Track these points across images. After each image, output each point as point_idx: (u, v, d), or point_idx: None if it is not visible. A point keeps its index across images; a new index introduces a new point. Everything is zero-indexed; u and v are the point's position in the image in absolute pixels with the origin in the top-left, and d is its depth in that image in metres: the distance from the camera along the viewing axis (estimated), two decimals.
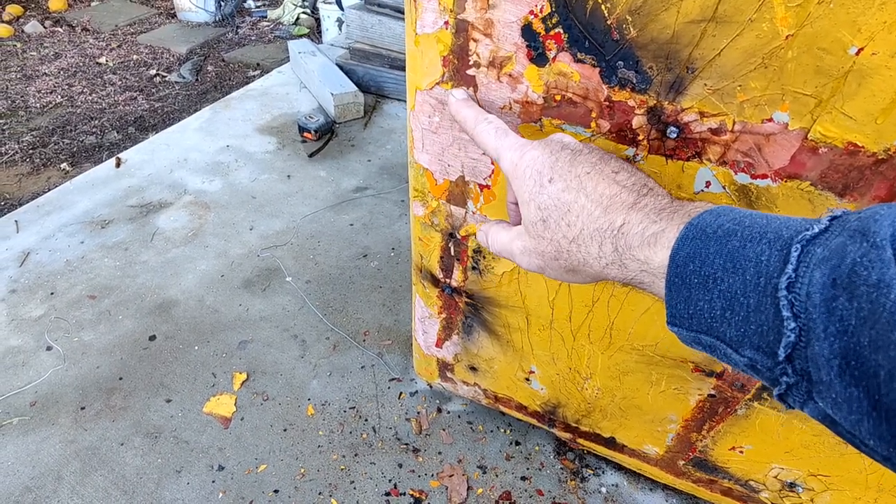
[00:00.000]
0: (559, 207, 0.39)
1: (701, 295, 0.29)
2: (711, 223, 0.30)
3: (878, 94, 0.45)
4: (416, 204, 0.77)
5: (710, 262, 0.29)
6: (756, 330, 0.27)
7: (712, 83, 0.50)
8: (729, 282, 0.28)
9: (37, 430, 1.06)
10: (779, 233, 0.27)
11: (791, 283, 0.25)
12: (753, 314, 0.27)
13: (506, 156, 0.45)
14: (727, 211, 0.31)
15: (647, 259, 0.33)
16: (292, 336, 1.26)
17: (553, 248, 0.40)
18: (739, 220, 0.30)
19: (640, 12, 0.48)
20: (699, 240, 0.30)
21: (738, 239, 0.28)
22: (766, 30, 0.45)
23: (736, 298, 0.27)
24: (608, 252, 0.35)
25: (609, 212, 0.36)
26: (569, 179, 0.39)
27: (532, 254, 0.42)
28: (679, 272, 0.30)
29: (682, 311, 0.30)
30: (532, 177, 0.41)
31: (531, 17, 0.53)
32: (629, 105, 0.54)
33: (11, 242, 1.48)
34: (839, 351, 0.23)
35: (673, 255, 0.31)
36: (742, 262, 0.28)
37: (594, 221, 0.37)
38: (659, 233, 0.33)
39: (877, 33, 0.42)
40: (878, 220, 0.24)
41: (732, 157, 0.54)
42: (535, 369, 0.89)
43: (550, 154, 0.42)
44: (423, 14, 0.58)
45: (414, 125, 0.69)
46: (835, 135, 0.48)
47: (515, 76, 0.58)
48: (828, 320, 0.23)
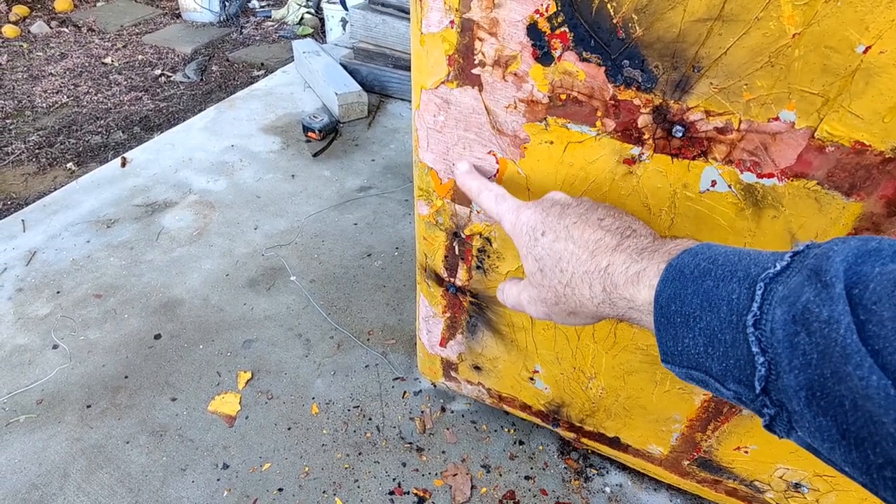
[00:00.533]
0: (552, 256, 0.42)
1: (685, 333, 0.31)
2: (689, 263, 0.32)
3: (886, 93, 0.44)
4: (421, 203, 0.77)
5: (689, 302, 0.31)
6: (735, 364, 0.28)
7: (718, 82, 0.49)
8: (707, 320, 0.29)
9: (43, 428, 1.06)
10: (747, 271, 0.29)
11: (757, 320, 0.27)
12: (731, 349, 0.28)
13: (505, 218, 0.49)
14: (704, 249, 0.33)
15: (632, 297, 0.35)
16: (297, 335, 1.26)
17: (552, 295, 0.43)
18: (714, 258, 0.31)
19: (645, 11, 0.48)
20: (678, 281, 0.32)
21: (712, 278, 0.30)
22: (773, 28, 0.45)
23: (715, 335, 0.29)
24: (598, 292, 0.38)
25: (595, 255, 0.39)
26: (558, 230, 0.43)
27: (537, 302, 0.45)
28: (663, 312, 0.32)
29: (671, 349, 0.32)
30: (527, 233, 0.45)
31: (537, 16, 0.53)
32: (635, 104, 0.54)
33: (18, 241, 1.49)
34: (805, 383, 0.24)
35: (656, 296, 0.33)
36: (716, 301, 0.29)
37: (582, 265, 0.40)
38: (641, 272, 0.35)
39: (885, 31, 0.42)
40: (830, 256, 0.26)
41: (738, 156, 0.53)
42: (539, 369, 0.89)
43: (542, 211, 0.46)
44: (429, 13, 0.58)
45: (419, 124, 0.69)
46: (842, 133, 0.48)
47: (521, 75, 0.58)
48: (791, 354, 0.25)
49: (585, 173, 0.61)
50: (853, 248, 0.26)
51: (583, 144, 0.60)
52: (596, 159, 0.60)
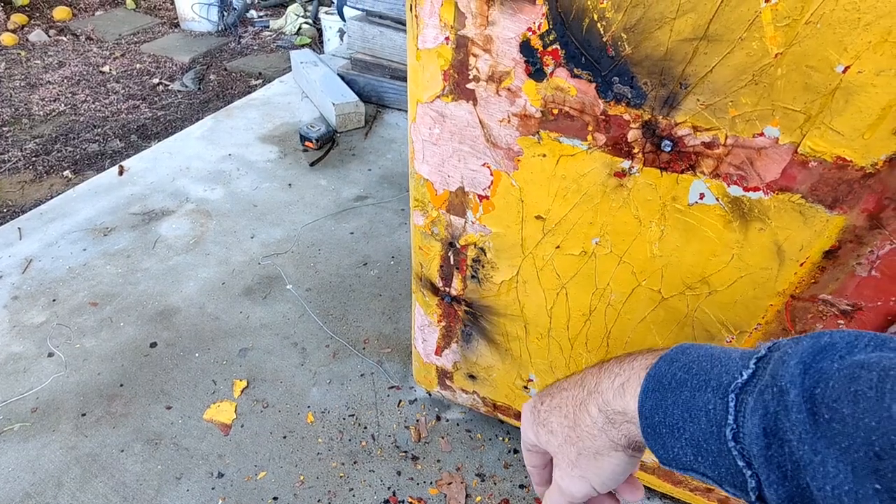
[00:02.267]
0: (553, 413, 0.42)
1: (672, 442, 0.31)
2: (666, 373, 0.32)
3: (865, 111, 0.46)
4: (417, 213, 0.78)
5: (671, 413, 0.31)
6: (727, 472, 0.28)
7: (705, 98, 0.51)
8: (691, 430, 0.30)
9: (37, 437, 1.06)
10: (719, 379, 0.29)
11: (735, 434, 0.27)
12: (719, 458, 0.28)
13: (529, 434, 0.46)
14: (679, 355, 0.33)
15: (623, 409, 0.35)
16: (292, 344, 1.27)
17: (572, 449, 0.41)
18: (688, 366, 0.32)
19: (634, 30, 0.50)
20: (658, 392, 0.32)
21: (689, 388, 0.30)
22: (756, 48, 0.47)
23: (700, 445, 0.29)
24: (595, 414, 0.37)
25: (584, 384, 0.39)
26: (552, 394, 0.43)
27: (567, 468, 0.42)
28: (649, 423, 0.32)
29: (664, 456, 0.32)
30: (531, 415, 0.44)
31: (529, 34, 0.54)
32: (624, 119, 0.56)
33: (14, 249, 1.49)
34: (785, 496, 0.25)
35: (640, 407, 0.33)
36: (695, 412, 0.29)
37: (577, 397, 0.39)
38: (625, 382, 0.35)
39: (862, 52, 0.43)
40: (785, 361, 0.26)
41: (725, 170, 0.55)
42: (533, 377, 0.90)
43: (531, 400, 0.45)
44: (425, 30, 0.60)
45: (415, 136, 0.70)
46: (824, 149, 0.50)
47: (514, 90, 0.59)
48: (768, 469, 0.25)
49: (577, 185, 0.63)
50: (807, 347, 0.26)
51: (575, 157, 0.61)
52: (587, 172, 0.61)
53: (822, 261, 0.56)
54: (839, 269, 0.57)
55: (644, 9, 0.48)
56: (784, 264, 0.58)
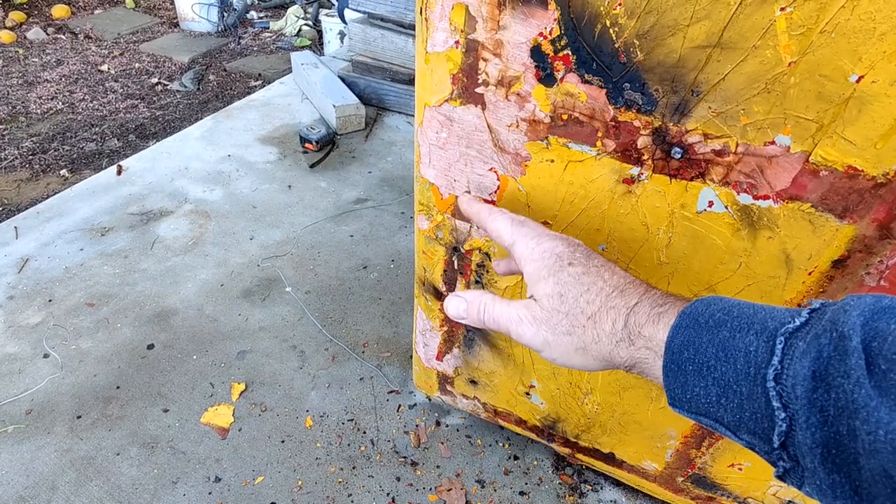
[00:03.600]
0: (578, 286, 0.41)
1: (696, 381, 0.31)
2: (703, 312, 0.32)
3: (878, 121, 0.46)
4: (421, 218, 0.78)
5: (703, 351, 0.31)
6: (751, 417, 0.28)
7: (716, 106, 0.51)
8: (722, 370, 0.30)
9: (32, 439, 1.05)
10: (764, 324, 0.29)
11: (777, 375, 0.27)
12: (747, 402, 0.28)
13: (522, 242, 0.48)
14: (717, 301, 0.33)
15: (651, 336, 0.36)
16: (291, 347, 1.26)
17: (567, 323, 0.41)
18: (728, 309, 0.32)
19: (647, 37, 0.50)
20: (692, 328, 0.32)
21: (728, 329, 0.30)
22: (770, 56, 0.47)
23: (729, 386, 0.29)
24: (620, 328, 0.38)
25: (625, 295, 0.39)
26: (588, 266, 0.43)
27: (542, 325, 0.43)
28: (675, 359, 0.32)
29: (679, 396, 0.32)
30: (552, 257, 0.44)
31: (540, 39, 0.54)
32: (634, 126, 0.56)
33: (10, 249, 1.48)
34: (821, 440, 0.25)
35: (668, 341, 0.33)
36: (733, 352, 0.29)
37: (612, 301, 0.39)
38: (663, 313, 0.36)
39: (877, 62, 0.43)
40: (847, 311, 0.26)
41: (735, 178, 0.55)
42: (535, 384, 0.89)
43: (569, 245, 0.45)
44: (435, 33, 0.59)
45: (421, 140, 0.70)
46: (835, 158, 0.49)
47: (523, 95, 0.59)
48: (809, 412, 0.25)
49: (585, 191, 0.62)
50: (869, 304, 0.26)
51: (583, 163, 0.61)
52: (596, 178, 0.61)
53: (830, 270, 0.56)
54: (847, 279, 0.56)
55: (657, 15, 0.48)
56: (792, 273, 0.58)
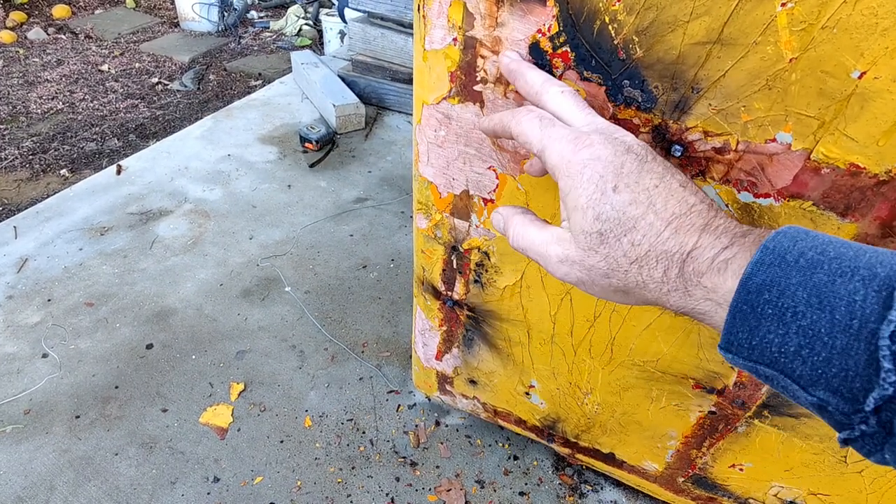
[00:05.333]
0: (623, 223, 0.35)
1: (773, 328, 0.27)
2: (791, 249, 0.28)
3: (880, 117, 0.45)
4: (420, 216, 0.77)
5: (791, 294, 0.26)
6: (838, 373, 0.25)
7: (717, 103, 0.50)
8: (812, 318, 0.26)
9: (30, 439, 1.04)
10: (873, 270, 0.25)
11: (894, 333, 0.23)
12: (838, 356, 0.25)
13: (554, 148, 0.39)
14: (803, 235, 0.28)
15: (714, 286, 0.31)
16: (290, 346, 1.25)
17: (606, 265, 0.36)
18: (822, 248, 0.27)
19: (646, 33, 0.49)
20: (778, 267, 0.27)
21: (825, 272, 0.26)
22: (771, 52, 0.46)
23: (818, 337, 0.25)
24: (673, 277, 0.33)
25: (680, 233, 0.33)
26: (637, 191, 0.35)
27: (575, 265, 0.37)
28: (749, 299, 0.28)
29: (742, 340, 0.28)
30: (591, 179, 0.36)
31: (539, 36, 0.54)
32: (634, 123, 0.55)
33: (9, 248, 1.47)
34: None
35: (745, 280, 0.28)
36: (831, 299, 0.25)
37: (663, 243, 0.33)
38: (731, 259, 0.31)
39: (879, 58, 0.43)
40: None
41: (736, 176, 0.54)
42: (535, 383, 0.89)
43: (615, 156, 0.37)
44: (432, 30, 0.59)
45: (419, 139, 0.69)
46: (837, 156, 0.49)
47: None
48: None
49: None
50: None
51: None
52: None
53: None
54: None
55: (657, 11, 0.48)
56: None
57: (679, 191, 0.35)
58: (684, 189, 0.36)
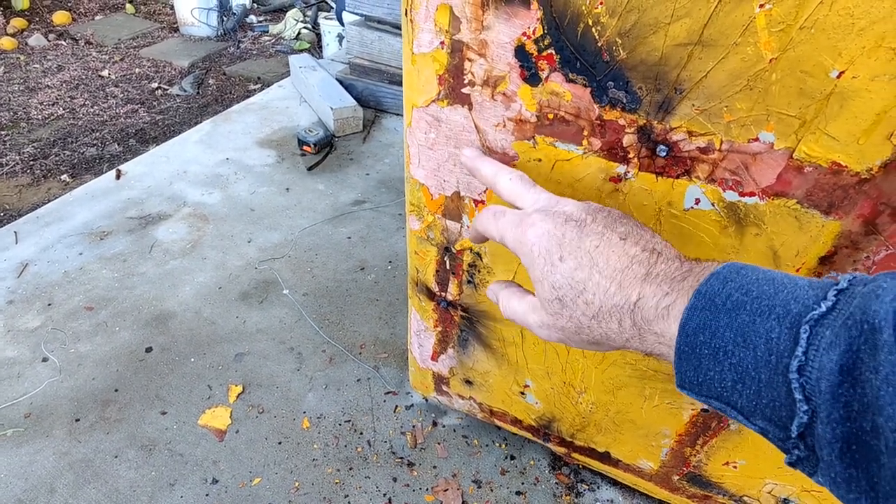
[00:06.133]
0: (574, 287, 0.38)
1: (711, 366, 0.30)
2: (720, 292, 0.30)
3: (860, 116, 0.46)
4: (413, 218, 0.78)
5: (721, 335, 0.29)
6: (768, 404, 0.27)
7: (700, 104, 0.51)
8: (740, 356, 0.28)
9: (31, 442, 1.05)
10: (787, 307, 0.28)
11: (802, 367, 0.25)
12: (765, 389, 0.27)
13: (508, 235, 0.45)
14: (734, 276, 0.31)
15: (662, 332, 0.34)
16: (289, 349, 1.26)
17: (573, 325, 0.39)
18: (747, 288, 0.30)
19: (629, 35, 0.50)
20: (708, 311, 0.30)
21: (748, 312, 0.29)
22: (751, 53, 0.47)
23: (747, 372, 0.28)
24: (628, 327, 0.36)
25: (623, 286, 0.36)
26: (580, 257, 0.39)
27: (551, 328, 0.42)
28: (689, 342, 0.31)
29: (691, 378, 0.31)
30: (541, 255, 0.41)
31: (524, 39, 0.54)
32: (619, 124, 0.56)
33: (10, 253, 1.49)
34: (841, 436, 0.24)
35: (683, 324, 0.31)
36: (752, 338, 0.28)
37: (611, 298, 0.36)
38: (671, 305, 0.33)
39: (856, 58, 0.43)
40: (879, 296, 0.24)
41: (721, 175, 0.55)
42: (529, 383, 0.90)
43: (556, 228, 0.41)
44: (420, 34, 0.59)
45: (410, 141, 0.70)
46: (819, 154, 0.49)
47: (509, 95, 0.59)
48: (832, 407, 0.24)
49: (573, 190, 0.62)
50: None
51: (570, 162, 0.61)
52: (583, 177, 0.61)
53: (817, 266, 0.56)
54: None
55: (639, 14, 0.48)
56: (780, 269, 0.58)
57: (619, 245, 0.38)
58: (624, 242, 0.39)
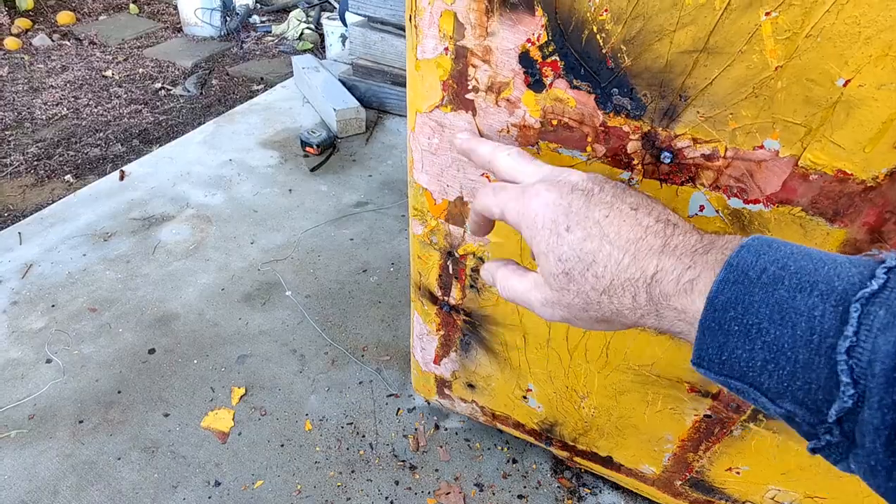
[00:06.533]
0: (583, 259, 0.36)
1: (740, 343, 0.28)
2: (753, 265, 0.28)
3: (866, 124, 0.46)
4: (416, 223, 0.78)
5: (755, 311, 0.27)
6: (802, 386, 0.26)
7: (704, 111, 0.51)
8: (776, 334, 0.26)
9: (34, 444, 1.06)
10: (830, 283, 0.26)
11: (852, 348, 0.24)
12: (801, 370, 0.26)
13: (510, 208, 0.42)
14: (766, 248, 0.29)
15: (684, 308, 0.31)
16: (291, 350, 1.26)
17: (581, 301, 0.37)
18: (783, 262, 0.28)
19: (634, 42, 0.50)
20: (741, 284, 0.28)
21: (786, 288, 0.27)
22: (756, 61, 0.46)
23: (782, 352, 0.26)
24: (643, 302, 0.33)
25: (638, 258, 0.34)
26: (588, 226, 0.36)
27: (556, 306, 0.39)
28: (716, 317, 0.29)
29: (712, 356, 0.29)
30: (546, 226, 0.38)
31: (528, 45, 0.54)
32: (624, 131, 0.56)
33: (14, 254, 1.49)
34: (891, 423, 0.22)
35: (711, 297, 0.29)
36: (792, 315, 0.26)
37: (624, 271, 0.34)
38: (695, 279, 0.31)
39: (863, 66, 0.43)
40: None
41: (725, 182, 0.55)
42: (532, 387, 0.89)
43: (561, 198, 0.38)
44: (424, 40, 0.59)
45: (413, 146, 0.70)
46: (824, 162, 0.49)
47: (513, 101, 0.59)
48: (885, 392, 0.22)
49: None
50: None
51: (574, 168, 0.61)
52: None
53: None
54: None
55: (644, 21, 0.48)
56: None
57: (631, 215, 0.36)
58: (636, 211, 0.36)
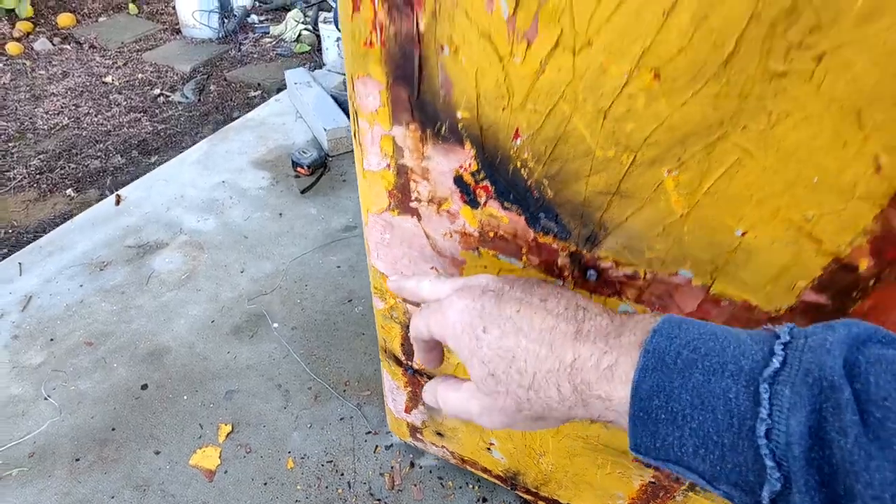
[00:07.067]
0: (503, 357, 0.36)
1: (670, 431, 0.28)
2: (668, 349, 0.29)
3: (765, 268, 0.49)
4: (377, 299, 0.82)
5: (677, 398, 0.27)
6: (733, 469, 0.26)
7: (623, 241, 0.54)
8: (699, 419, 0.27)
9: (34, 482, 1.13)
10: (738, 363, 0.27)
11: (769, 430, 0.24)
12: (730, 454, 0.26)
13: (433, 322, 0.43)
14: (677, 331, 0.30)
15: (608, 395, 0.31)
16: (276, 385, 1.32)
17: (512, 401, 0.37)
18: (694, 345, 0.28)
19: (555, 179, 0.53)
20: (660, 371, 0.28)
21: (700, 371, 0.27)
22: (664, 207, 0.49)
23: (709, 437, 0.27)
24: (568, 393, 0.33)
25: (555, 348, 0.34)
26: (502, 324, 0.37)
27: (492, 412, 0.39)
28: (643, 406, 0.29)
29: (647, 443, 0.29)
30: (465, 332, 0.38)
31: (461, 171, 0.57)
32: (553, 248, 0.59)
33: (15, 286, 1.55)
34: (819, 502, 0.23)
35: (635, 387, 0.29)
36: (710, 399, 0.26)
37: (543, 362, 0.34)
38: (613, 364, 0.31)
39: (756, 223, 0.46)
40: (830, 350, 0.24)
41: (648, 298, 0.58)
42: (494, 441, 0.94)
43: (473, 301, 0.39)
44: (369, 156, 0.63)
45: (369, 237, 0.74)
46: (732, 293, 0.52)
47: (453, 213, 0.62)
48: (807, 473, 0.23)
49: None
50: (844, 337, 0.24)
51: (513, 272, 0.64)
52: None
53: None
54: None
55: (561, 163, 0.51)
56: None
57: (541, 307, 0.37)
58: (545, 302, 0.38)
